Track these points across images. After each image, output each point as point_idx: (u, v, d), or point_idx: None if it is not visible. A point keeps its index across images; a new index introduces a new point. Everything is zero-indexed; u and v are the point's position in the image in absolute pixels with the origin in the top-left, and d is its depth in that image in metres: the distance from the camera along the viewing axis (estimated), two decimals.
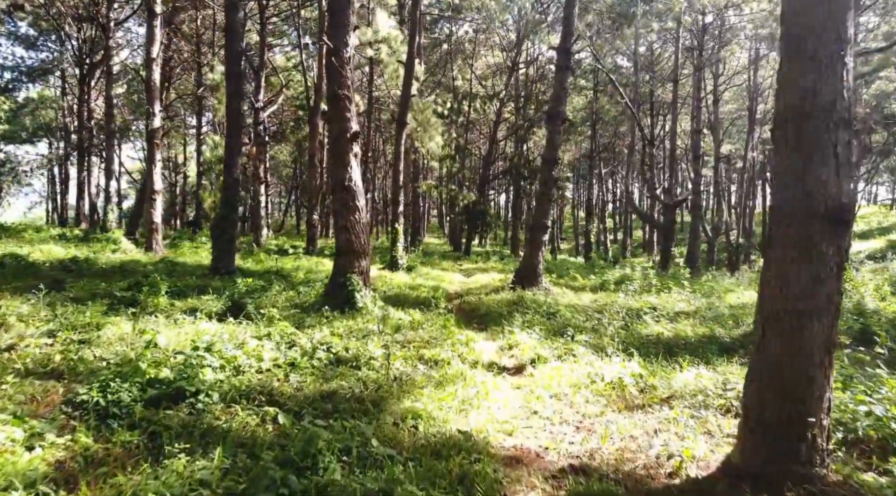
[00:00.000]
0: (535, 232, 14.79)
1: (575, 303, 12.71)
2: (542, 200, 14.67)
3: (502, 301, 13.01)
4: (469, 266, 25.46)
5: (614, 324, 10.24)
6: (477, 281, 18.42)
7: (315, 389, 5.75)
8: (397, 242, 19.06)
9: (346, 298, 9.30)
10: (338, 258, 9.81)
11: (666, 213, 23.65)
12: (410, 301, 12.66)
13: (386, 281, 15.83)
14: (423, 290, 14.64)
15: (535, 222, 14.78)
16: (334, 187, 9.39)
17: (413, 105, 22.22)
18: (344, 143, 9.19)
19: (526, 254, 15.05)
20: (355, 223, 9.27)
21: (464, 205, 29.39)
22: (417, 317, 9.78)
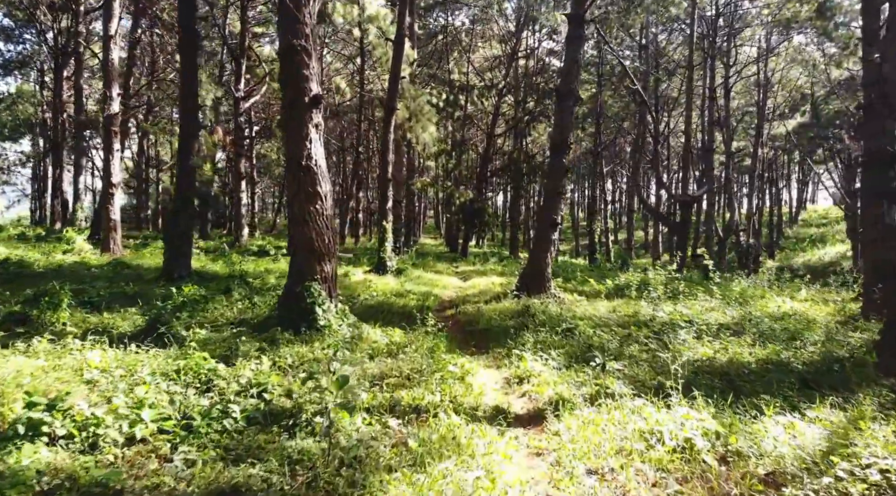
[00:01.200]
0: (543, 229, 12.46)
1: (592, 315, 10.43)
2: (550, 192, 12.35)
3: (506, 312, 10.69)
4: (466, 268, 23.12)
5: (650, 345, 7.94)
6: (475, 285, 16.10)
7: (207, 483, 3.39)
8: (385, 242, 16.73)
9: (304, 313, 6.95)
10: (294, 260, 7.44)
11: (681, 212, 21.37)
12: (395, 313, 10.33)
13: (370, 286, 13.50)
14: (411, 298, 12.31)
15: (543, 217, 12.45)
16: (289, 166, 7.03)
17: (404, 91, 19.91)
18: (301, 109, 6.85)
19: (532, 256, 12.72)
20: (316, 214, 6.91)
21: (460, 203, 27.07)
22: (398, 338, 7.44)
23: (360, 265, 19.01)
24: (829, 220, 59.45)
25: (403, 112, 20.27)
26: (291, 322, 6.92)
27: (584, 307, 11.39)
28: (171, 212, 12.96)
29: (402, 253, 25.53)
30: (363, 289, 13.14)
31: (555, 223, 12.41)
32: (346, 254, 23.87)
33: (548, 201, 12.52)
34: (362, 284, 13.94)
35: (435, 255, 30.65)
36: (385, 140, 16.64)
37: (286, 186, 12.38)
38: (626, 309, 11.27)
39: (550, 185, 12.45)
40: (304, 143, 6.84)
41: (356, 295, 12.30)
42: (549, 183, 12.55)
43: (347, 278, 15.01)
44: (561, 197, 12.46)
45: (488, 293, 13.71)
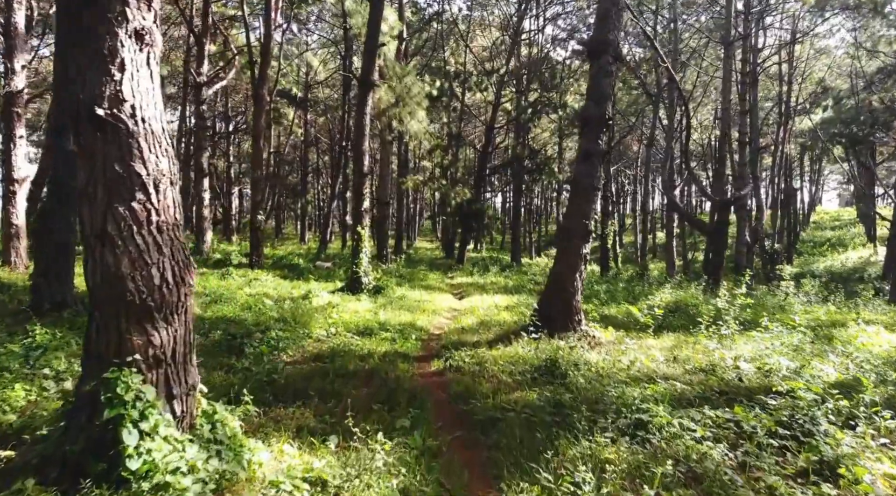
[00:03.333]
0: (569, 239, 8.62)
1: (652, 372, 6.77)
2: (581, 188, 8.53)
3: (522, 369, 6.88)
4: (463, 280, 19.30)
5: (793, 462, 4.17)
6: (473, 308, 12.29)
7: None
8: (360, 254, 12.91)
9: (99, 447, 3.13)
10: (91, 326, 3.54)
11: (717, 215, 17.57)
12: (348, 375, 6.51)
13: (331, 316, 9.68)
14: (383, 338, 8.50)
15: (570, 224, 8.61)
16: (75, 118, 3.22)
17: (388, 68, 16.11)
18: None
19: (554, 277, 8.86)
20: (136, 226, 3.16)
21: (456, 204, 23.27)
22: (327, 470, 3.61)
23: (333, 280, 15.19)
24: (842, 223, 55.76)
25: (388, 95, 16.47)
26: (75, 465, 3.10)
27: (632, 355, 7.62)
28: (39, 212, 9.12)
29: (390, 261, 21.70)
30: (320, 322, 9.32)
31: (587, 231, 8.59)
32: (325, 264, 20.04)
33: (576, 200, 8.70)
34: (322, 313, 10.13)
35: (428, 262, 26.81)
36: (359, 124, 12.84)
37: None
38: (693, 355, 7.59)
39: (581, 177, 8.63)
40: (107, 67, 3.09)
41: (304, 334, 8.48)
42: (578, 175, 8.73)
43: (307, 302, 11.21)
44: (596, 194, 8.63)
45: (492, 325, 9.88)
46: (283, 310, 10.18)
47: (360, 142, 12.84)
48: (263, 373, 6.10)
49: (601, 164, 8.61)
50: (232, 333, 7.71)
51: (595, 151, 8.47)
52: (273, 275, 15.53)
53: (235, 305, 10.32)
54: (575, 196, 8.70)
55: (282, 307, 10.41)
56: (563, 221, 8.70)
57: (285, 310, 10.18)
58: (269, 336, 7.74)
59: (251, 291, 12.11)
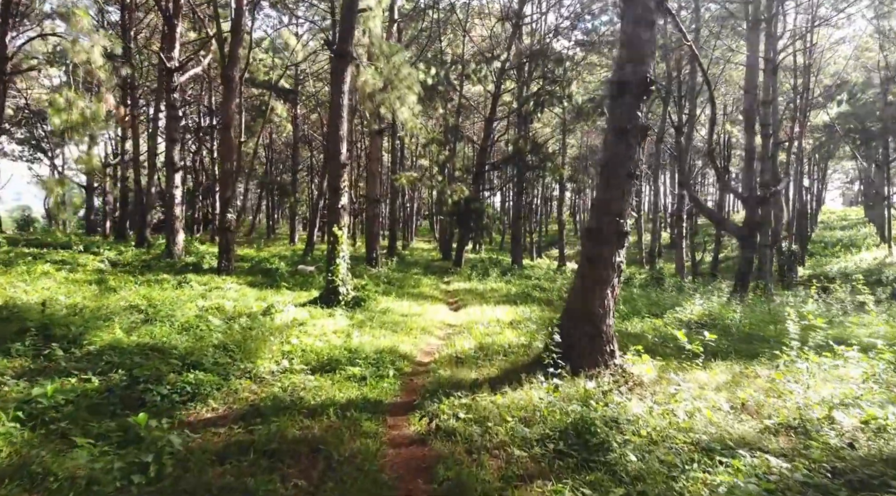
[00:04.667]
0: (599, 244, 6.37)
1: (723, 428, 4.64)
2: (612, 178, 6.30)
3: (542, 433, 4.67)
4: (460, 286, 17.07)
5: None
6: (471, 324, 10.06)
7: None
8: (337, 259, 10.67)
9: None
10: None
11: (748, 214, 15.39)
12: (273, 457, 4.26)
13: (284, 343, 7.46)
14: (346, 377, 6.27)
15: (598, 223, 6.37)
16: None
17: (374, 45, 13.88)
18: None
19: (578, 295, 6.57)
20: None
21: (454, 201, 21.02)
22: None
23: (309, 289, 12.95)
24: (850, 222, 53.53)
25: (374, 78, 14.22)
26: None
27: (688, 403, 5.44)
28: None
29: (380, 264, 19.48)
30: (273, 350, 7.10)
31: (621, 233, 6.35)
32: (308, 268, 17.79)
33: (606, 193, 6.46)
34: (281, 335, 7.90)
35: (425, 264, 24.57)
36: (335, 104, 10.59)
37: None
38: (766, 400, 5.46)
39: (612, 161, 6.40)
40: None
41: (244, 371, 6.25)
42: (608, 159, 6.49)
43: (268, 319, 8.98)
44: (632, 183, 6.39)
45: (494, 351, 7.65)
46: (230, 332, 7.95)
47: (335, 125, 10.59)
48: (146, 455, 3.87)
49: (640, 143, 6.38)
50: (135, 376, 5.48)
51: (633, 126, 6.24)
52: (242, 283, 13.30)
53: (173, 326, 8.08)
54: (605, 187, 6.45)
55: (230, 328, 8.18)
56: (588, 221, 6.42)
57: (234, 332, 7.95)
58: (186, 379, 5.51)
59: (204, 304, 9.88)
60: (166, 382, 5.44)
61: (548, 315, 11.30)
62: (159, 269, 15.01)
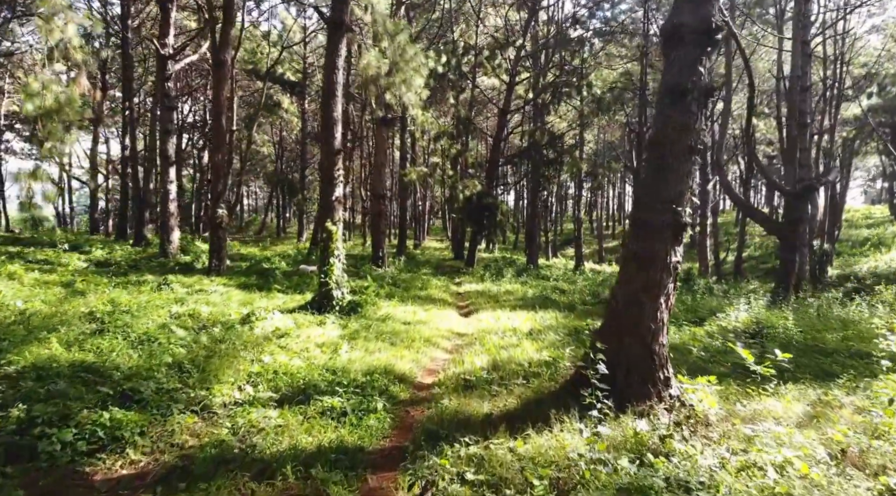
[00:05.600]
0: (649, 240, 4.86)
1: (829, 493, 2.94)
2: (666, 154, 4.80)
3: None
4: (472, 288, 15.58)
5: None
6: (484, 334, 8.60)
7: None
8: (331, 258, 9.25)
9: None
10: None
11: (789, 208, 13.73)
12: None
13: (255, 361, 6.05)
14: (320, 411, 4.80)
15: (649, 215, 4.86)
16: None
17: (378, 23, 12.44)
18: None
19: (621, 305, 5.03)
20: None
21: (465, 197, 19.54)
22: None
23: (304, 292, 11.55)
24: (875, 221, 51.15)
25: (377, 59, 12.80)
26: None
27: (772, 452, 3.90)
28: None
29: (387, 264, 18.07)
30: (240, 369, 5.70)
31: (679, 226, 4.84)
32: (310, 268, 16.41)
33: (658, 174, 4.94)
34: (257, 349, 6.49)
35: (435, 265, 23.11)
36: (328, 80, 9.15)
37: None
38: (865, 448, 3.83)
39: (666, 133, 4.90)
40: None
41: (194, 400, 4.84)
42: (661, 129, 4.99)
43: (246, 328, 7.59)
44: (692, 161, 4.87)
45: (512, 371, 6.18)
46: (195, 346, 6.56)
47: (328, 106, 9.15)
48: None
49: (702, 109, 4.86)
50: (34, 414, 4.09)
51: (693, 86, 4.73)
52: (231, 285, 11.94)
53: (127, 338, 6.71)
54: (656, 167, 4.93)
55: (196, 341, 6.79)
56: (634, 211, 4.90)
57: (199, 346, 6.56)
58: (102, 419, 4.09)
59: (178, 310, 8.50)
60: (75, 423, 4.04)
61: (571, 322, 9.79)
62: (147, 269, 13.73)
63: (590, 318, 10.37)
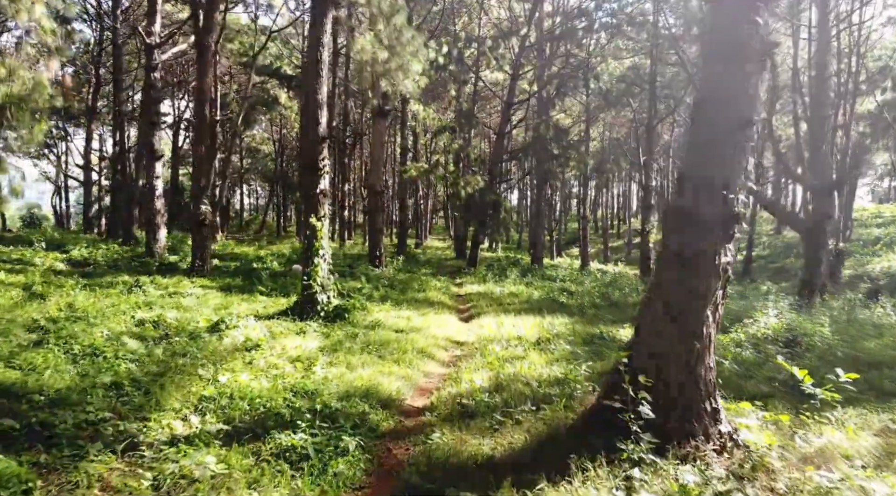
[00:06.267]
0: (694, 235, 3.84)
1: None
2: (716, 123, 3.78)
3: None
4: (473, 289, 14.54)
5: None
6: (486, 343, 7.57)
7: None
8: (315, 258, 8.24)
9: None
10: None
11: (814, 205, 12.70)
12: None
13: (213, 381, 5.02)
14: (276, 453, 3.73)
15: (692, 203, 3.84)
16: None
17: (372, 4, 11.40)
18: None
19: (654, 317, 4.00)
20: None
21: (467, 194, 18.51)
22: None
23: (290, 294, 10.50)
24: (885, 220, 49.83)
25: (372, 44, 11.77)
26: None
27: None
28: None
29: (385, 264, 17.06)
30: (194, 391, 4.68)
31: (731, 215, 3.79)
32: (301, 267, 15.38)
33: (704, 152, 3.90)
34: (220, 364, 5.48)
35: (435, 264, 22.07)
36: (312, 58, 8.11)
37: None
38: None
39: (715, 98, 3.85)
40: None
41: (124, 435, 3.81)
42: (707, 94, 3.93)
43: (214, 338, 6.59)
44: (748, 134, 3.83)
45: (518, 391, 5.15)
46: (147, 361, 5.57)
47: (312, 87, 8.12)
48: None
49: (762, 69, 3.81)
50: None
51: (750, 39, 3.69)
52: (212, 287, 10.94)
53: (70, 351, 5.70)
54: (702, 143, 3.90)
55: (150, 354, 5.79)
56: (673, 198, 3.79)
57: (152, 360, 5.56)
58: None
59: (143, 317, 7.50)
60: None
61: (583, 329, 8.75)
62: (127, 270, 12.75)
63: (602, 324, 9.33)
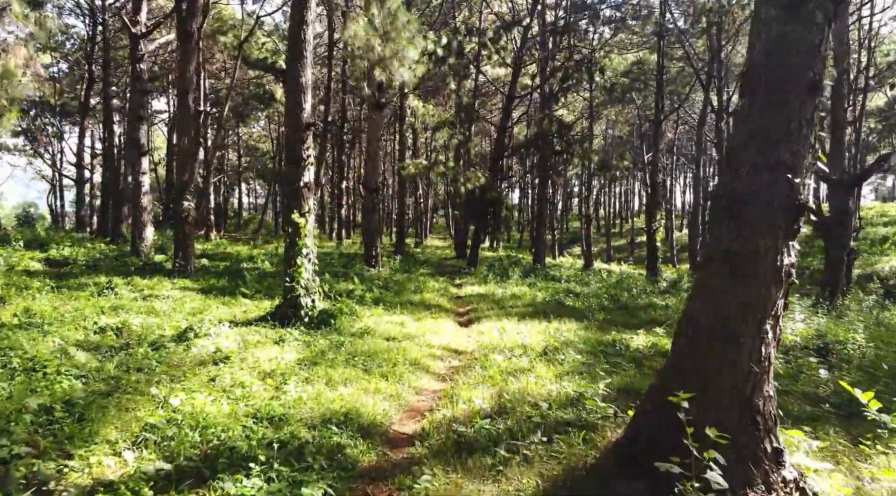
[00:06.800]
0: (750, 229, 3.05)
1: None
2: (777, 89, 3.01)
3: None
4: (473, 290, 13.73)
5: None
6: (487, 352, 6.76)
7: None
8: (298, 258, 7.43)
9: None
10: None
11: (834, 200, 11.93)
12: None
13: (164, 404, 4.21)
14: None
15: (751, 189, 3.05)
16: None
17: None
18: None
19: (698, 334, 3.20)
20: None
21: (467, 190, 17.70)
22: None
23: (275, 297, 9.70)
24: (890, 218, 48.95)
25: (365, 29, 10.97)
26: None
27: None
28: None
29: (381, 264, 16.27)
30: (140, 416, 3.88)
31: (796, 204, 2.99)
32: None
33: (762, 122, 3.09)
34: (183, 379, 4.69)
35: (435, 264, 21.26)
36: (294, 37, 7.32)
37: None
38: None
39: (777, 61, 3.03)
40: None
41: (32, 480, 3.01)
42: (766, 55, 3.11)
43: (181, 347, 5.81)
44: (816, 101, 3.03)
45: (525, 414, 4.34)
46: (96, 375, 4.78)
47: (295, 68, 7.31)
48: None
49: (831, 24, 3.02)
50: None
51: None
52: (192, 289, 10.14)
53: (9, 365, 4.92)
54: (759, 113, 3.10)
55: (101, 368, 5.00)
56: (720, 183, 2.93)
57: (101, 376, 4.78)
58: None
59: (107, 322, 6.72)
60: None
61: (594, 336, 7.94)
62: (106, 270, 11.97)
63: (614, 330, 8.52)
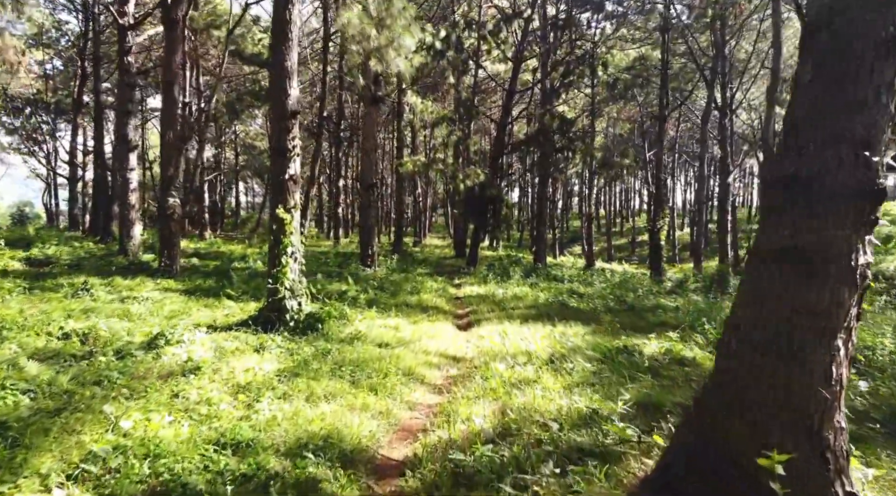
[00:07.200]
0: (817, 222, 2.46)
1: None
2: (843, 49, 2.45)
3: None
4: (473, 291, 13.12)
5: None
6: (488, 359, 6.17)
7: None
8: (283, 256, 6.84)
9: None
10: None
11: None
12: None
13: (114, 427, 3.62)
14: None
15: (814, 169, 2.48)
16: None
17: None
18: None
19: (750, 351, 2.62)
20: None
21: (466, 188, 17.10)
22: None
23: (262, 299, 9.12)
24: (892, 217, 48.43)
25: (359, 17, 10.39)
26: None
27: None
28: None
29: (377, 263, 15.69)
30: (85, 442, 3.28)
31: (874, 187, 2.41)
32: None
33: (826, 90, 2.51)
34: (144, 394, 4.10)
35: (433, 264, 20.67)
36: (279, 19, 6.74)
37: None
38: None
39: (848, 15, 2.44)
40: None
41: None
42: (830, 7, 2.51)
43: (150, 356, 5.22)
44: (890, 63, 2.45)
45: (533, 436, 3.76)
46: (47, 390, 4.20)
47: (280, 52, 6.71)
48: None
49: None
50: None
51: None
52: (175, 290, 9.56)
53: None
54: (818, 78, 2.52)
55: (54, 381, 4.42)
56: (770, 168, 2.30)
57: (53, 390, 4.20)
58: None
59: (73, 327, 6.14)
60: None
61: (602, 341, 7.34)
62: (89, 270, 11.40)
63: (623, 334, 7.93)
